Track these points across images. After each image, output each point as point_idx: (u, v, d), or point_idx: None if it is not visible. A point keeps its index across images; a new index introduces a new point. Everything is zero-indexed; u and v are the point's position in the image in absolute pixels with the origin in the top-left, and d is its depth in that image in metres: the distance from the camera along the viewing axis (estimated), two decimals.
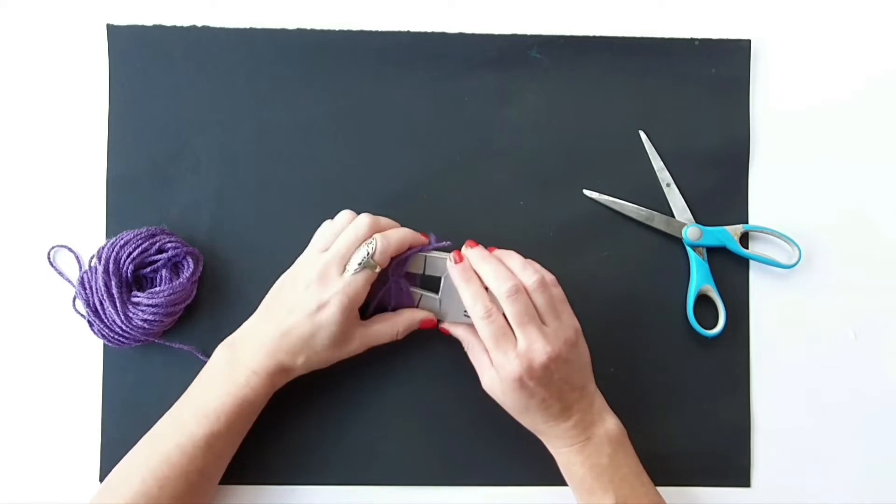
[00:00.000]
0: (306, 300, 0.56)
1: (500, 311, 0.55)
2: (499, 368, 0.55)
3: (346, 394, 0.63)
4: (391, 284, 0.60)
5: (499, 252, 0.59)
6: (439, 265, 0.60)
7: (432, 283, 0.61)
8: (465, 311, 0.58)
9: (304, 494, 0.62)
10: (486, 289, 0.56)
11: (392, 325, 0.60)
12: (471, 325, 0.58)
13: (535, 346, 0.54)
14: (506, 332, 0.55)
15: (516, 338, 0.55)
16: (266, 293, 0.59)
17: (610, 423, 0.57)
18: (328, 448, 0.62)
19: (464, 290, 0.57)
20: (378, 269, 0.57)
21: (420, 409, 0.63)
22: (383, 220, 0.59)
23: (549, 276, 0.57)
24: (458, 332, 0.60)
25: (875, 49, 0.67)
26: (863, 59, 0.67)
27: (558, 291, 0.57)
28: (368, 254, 0.56)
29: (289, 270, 0.59)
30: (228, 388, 0.56)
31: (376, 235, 0.57)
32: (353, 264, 0.56)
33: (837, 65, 0.67)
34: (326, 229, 0.59)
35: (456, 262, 0.58)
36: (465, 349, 0.60)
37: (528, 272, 0.56)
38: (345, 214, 0.59)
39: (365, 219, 0.58)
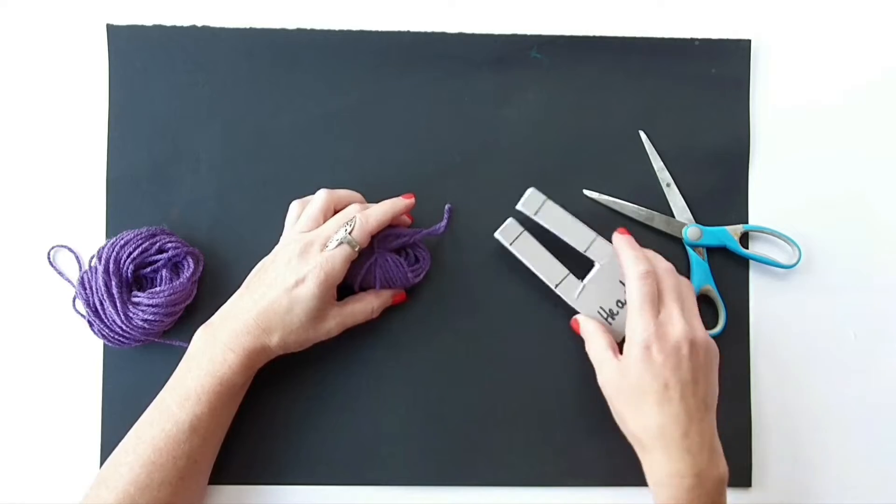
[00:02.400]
0: (285, 276, 0.56)
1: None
2: (633, 334, 0.54)
3: (345, 394, 0.63)
4: (376, 258, 0.60)
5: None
6: (604, 251, 0.61)
7: (578, 267, 0.61)
8: (601, 307, 0.59)
9: (303, 495, 0.62)
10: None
11: (367, 304, 0.60)
12: (602, 322, 0.59)
13: (676, 321, 0.54)
14: (655, 298, 0.55)
15: (659, 311, 0.55)
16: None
17: (723, 467, 0.53)
18: (328, 448, 0.62)
19: (627, 252, 0.58)
20: (357, 248, 0.57)
21: (420, 410, 0.63)
22: (372, 206, 0.60)
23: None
24: (588, 325, 0.59)
25: (875, 49, 0.67)
26: (863, 58, 0.67)
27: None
28: (346, 231, 0.56)
29: (272, 251, 0.59)
30: (207, 368, 0.55)
31: (357, 213, 0.58)
32: (333, 241, 0.56)
33: (837, 65, 0.67)
34: (307, 212, 0.59)
35: (618, 232, 0.60)
36: (587, 345, 0.59)
37: (678, 278, 0.58)
38: (322, 197, 0.59)
39: (356, 206, 0.59)
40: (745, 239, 0.64)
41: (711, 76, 0.65)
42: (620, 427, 0.57)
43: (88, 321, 0.60)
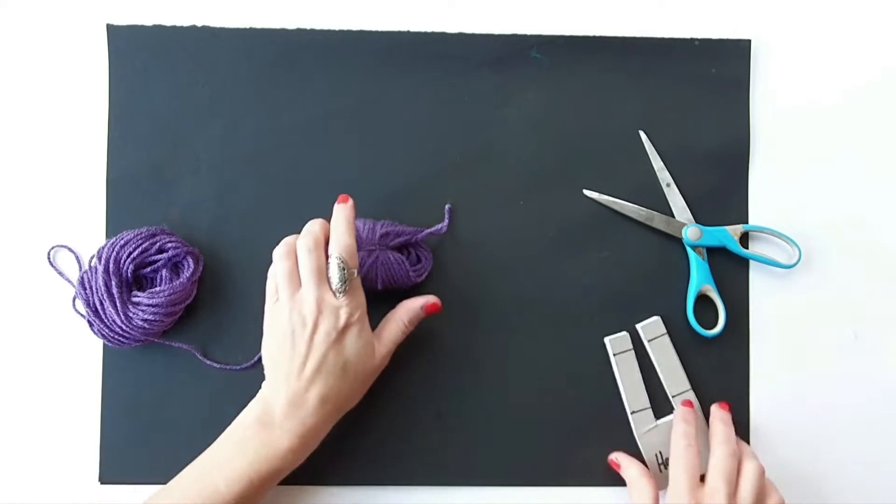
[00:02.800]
0: (322, 334, 0.53)
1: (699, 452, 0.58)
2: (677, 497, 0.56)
3: None
4: (378, 255, 0.59)
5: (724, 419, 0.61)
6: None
7: (657, 405, 0.63)
8: (660, 452, 0.62)
9: (303, 495, 0.62)
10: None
11: (397, 323, 0.59)
12: (644, 469, 0.60)
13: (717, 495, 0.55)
14: (696, 469, 0.57)
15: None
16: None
17: None
18: (327, 449, 0.62)
19: (725, 427, 0.60)
20: (357, 274, 0.56)
21: (420, 410, 0.63)
22: (318, 228, 0.57)
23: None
24: (632, 471, 0.60)
25: (875, 49, 0.67)
26: (863, 58, 0.67)
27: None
28: (343, 269, 0.55)
29: (266, 334, 0.57)
30: (265, 454, 0.53)
31: (331, 246, 0.55)
32: (339, 285, 0.54)
33: (838, 65, 0.67)
34: (278, 273, 0.56)
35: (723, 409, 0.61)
36: (630, 489, 0.60)
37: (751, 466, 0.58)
38: (306, 251, 0.55)
39: (308, 241, 0.55)
40: (745, 239, 0.64)
41: (711, 76, 0.65)
42: None
43: (88, 321, 0.60)
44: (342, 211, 0.57)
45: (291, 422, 0.54)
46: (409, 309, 0.59)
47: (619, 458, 0.61)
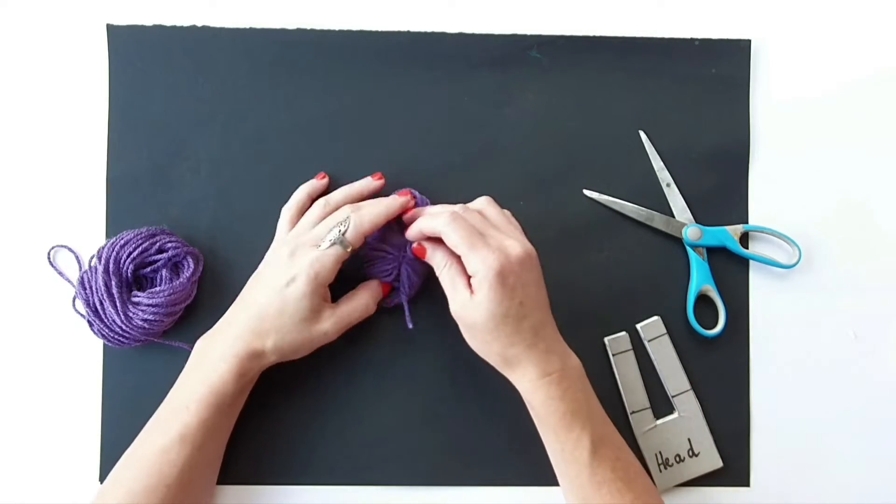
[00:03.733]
0: (276, 277, 0.56)
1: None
2: (478, 268, 0.53)
3: (345, 394, 0.63)
4: (405, 256, 0.60)
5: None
6: (690, 404, 0.63)
7: (656, 405, 0.63)
8: (660, 452, 0.62)
9: (303, 495, 0.62)
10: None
11: (360, 300, 0.60)
12: (448, 251, 0.56)
13: (506, 242, 0.54)
14: (475, 231, 0.54)
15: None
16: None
17: (575, 359, 0.56)
18: (327, 449, 0.62)
19: (421, 225, 0.56)
20: (350, 249, 0.56)
21: (420, 410, 0.63)
22: (366, 206, 0.59)
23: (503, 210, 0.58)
24: (436, 254, 0.57)
25: (875, 49, 0.67)
26: (863, 59, 0.67)
27: (513, 219, 0.58)
28: (340, 231, 0.56)
29: (264, 258, 0.60)
30: (200, 378, 0.56)
31: (351, 214, 0.57)
32: (325, 241, 0.56)
33: (837, 65, 0.67)
34: (304, 219, 0.59)
35: (406, 219, 0.59)
36: (438, 274, 0.57)
37: (477, 200, 0.58)
38: (319, 206, 0.60)
39: (344, 210, 0.58)
40: (745, 239, 0.64)
41: (711, 76, 0.65)
42: (479, 352, 0.56)
43: (88, 321, 0.60)
44: (389, 201, 0.59)
45: (224, 346, 0.56)
46: (374, 289, 0.61)
47: (423, 244, 0.58)
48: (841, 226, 0.65)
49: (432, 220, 0.55)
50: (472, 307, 0.54)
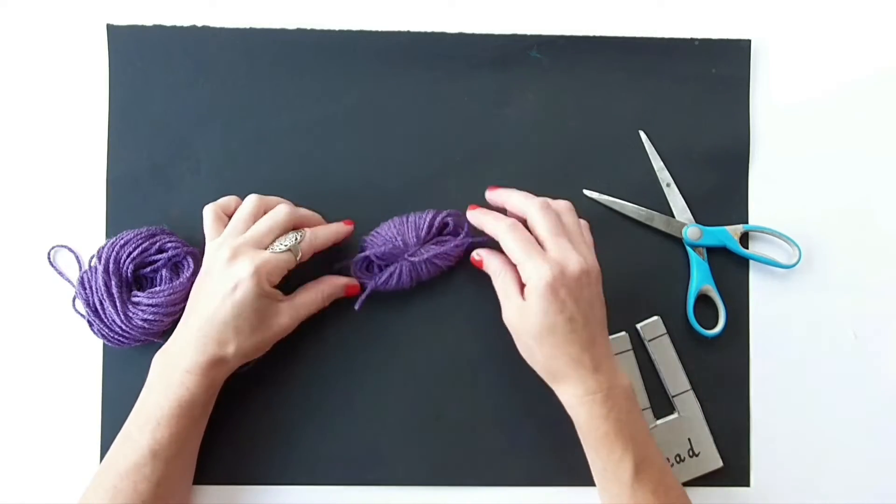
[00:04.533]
0: (222, 282, 0.55)
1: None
2: (531, 276, 0.53)
3: (344, 394, 0.63)
4: (402, 265, 0.60)
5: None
6: (690, 404, 0.63)
7: (657, 404, 0.63)
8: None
9: (302, 495, 0.62)
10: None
11: (316, 293, 0.59)
12: (506, 260, 0.57)
13: (567, 254, 0.54)
14: (534, 241, 0.55)
15: (547, 250, 0.54)
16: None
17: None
18: (327, 448, 0.62)
19: (484, 221, 0.57)
20: (299, 259, 0.57)
21: (420, 410, 0.63)
22: (302, 211, 0.60)
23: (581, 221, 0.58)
24: (494, 262, 0.58)
25: (875, 49, 0.67)
26: (863, 58, 0.67)
27: (588, 234, 0.58)
28: (297, 239, 0.57)
29: (203, 261, 0.58)
30: (165, 393, 0.55)
31: (306, 228, 0.58)
32: (279, 245, 0.56)
33: (837, 65, 0.67)
34: (237, 216, 0.58)
35: (470, 210, 0.59)
36: (494, 281, 0.58)
37: (558, 201, 0.57)
38: (253, 202, 0.59)
39: (284, 210, 0.58)
40: (745, 239, 0.64)
41: (711, 76, 0.65)
42: (528, 360, 0.56)
43: (88, 321, 0.59)
44: (338, 228, 0.61)
45: (184, 358, 0.55)
46: (332, 284, 0.60)
47: (481, 253, 0.59)
48: (841, 226, 0.65)
49: (496, 223, 0.56)
50: (520, 315, 0.54)
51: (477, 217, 0.59)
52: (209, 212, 0.59)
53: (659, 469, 0.54)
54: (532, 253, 0.54)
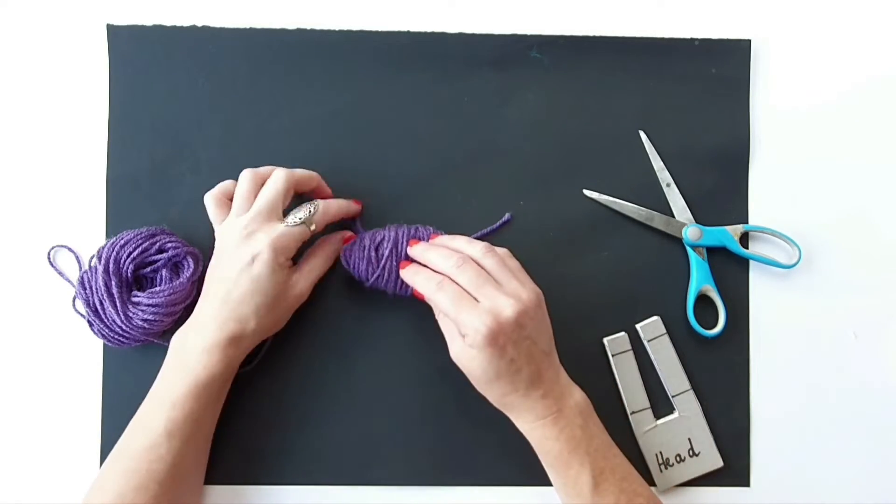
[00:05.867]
0: (238, 258, 0.55)
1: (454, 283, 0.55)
2: (468, 331, 0.53)
3: (345, 394, 0.63)
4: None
5: (442, 238, 0.59)
6: (690, 404, 0.63)
7: (656, 405, 0.63)
8: (660, 452, 0.62)
9: (302, 495, 0.62)
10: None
11: (322, 255, 0.60)
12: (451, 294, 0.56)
13: (498, 301, 0.53)
14: (463, 295, 0.54)
15: (478, 301, 0.54)
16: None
17: (578, 395, 0.56)
18: (327, 448, 0.62)
19: (416, 283, 0.57)
20: (314, 228, 0.57)
21: (420, 410, 0.63)
22: (298, 172, 0.60)
23: (501, 249, 0.58)
24: (440, 298, 0.56)
25: (875, 49, 0.67)
26: (863, 59, 0.67)
27: (514, 262, 0.57)
28: (311, 212, 0.57)
29: (216, 246, 0.59)
30: (181, 373, 0.55)
31: (319, 200, 0.59)
32: (293, 218, 0.57)
33: (838, 65, 0.67)
34: (238, 195, 0.58)
35: (402, 269, 0.58)
36: (438, 318, 0.58)
37: (474, 245, 0.57)
38: (248, 177, 0.59)
39: (282, 175, 0.58)
40: (745, 239, 0.64)
41: (711, 76, 0.65)
42: (480, 391, 0.57)
43: (88, 321, 0.59)
44: (349, 203, 0.61)
45: (202, 337, 0.55)
46: (332, 243, 0.61)
47: (418, 279, 0.57)
48: (841, 226, 0.65)
49: (426, 283, 0.56)
50: (466, 359, 0.55)
51: (409, 277, 0.58)
52: (210, 198, 0.60)
53: (622, 478, 0.55)
54: (463, 308, 0.54)
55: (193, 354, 0.55)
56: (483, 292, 0.54)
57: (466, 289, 0.54)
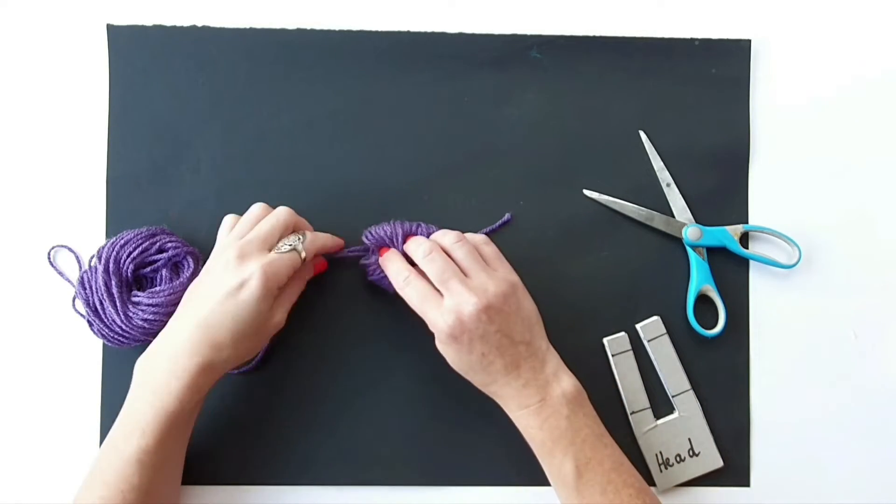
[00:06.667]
0: (225, 280, 0.53)
1: (423, 277, 0.56)
2: (433, 328, 0.55)
3: (344, 394, 0.63)
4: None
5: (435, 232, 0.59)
6: (690, 404, 0.63)
7: (657, 405, 0.63)
8: (660, 452, 0.62)
9: (302, 495, 0.62)
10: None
11: (297, 279, 0.58)
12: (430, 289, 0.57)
13: (460, 298, 0.53)
14: (429, 292, 0.55)
15: (442, 296, 0.54)
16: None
17: (566, 384, 0.56)
18: (327, 448, 0.62)
19: (389, 273, 0.57)
20: (304, 256, 0.56)
21: (420, 410, 0.63)
22: (302, 219, 0.60)
23: (479, 236, 0.58)
24: (413, 291, 0.57)
25: (875, 49, 0.67)
26: (863, 59, 0.67)
27: (490, 249, 0.58)
28: (300, 239, 0.57)
29: (205, 265, 0.57)
30: (151, 401, 0.53)
31: (306, 231, 0.59)
32: (283, 245, 0.56)
33: (838, 65, 0.67)
34: (243, 220, 0.58)
35: (380, 255, 0.59)
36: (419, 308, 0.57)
37: (447, 235, 0.57)
38: (259, 206, 0.59)
39: (285, 210, 0.58)
40: (745, 239, 0.64)
41: (711, 76, 0.65)
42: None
43: (88, 321, 0.59)
44: (337, 239, 0.61)
45: (172, 362, 0.53)
46: (305, 268, 0.59)
47: (397, 273, 0.57)
48: (841, 226, 0.65)
49: (395, 276, 0.57)
50: (442, 352, 0.56)
51: (383, 263, 0.59)
52: (228, 218, 0.59)
53: (610, 468, 0.54)
54: (428, 305, 0.55)
55: (162, 381, 0.53)
56: (448, 286, 0.54)
57: (433, 281, 0.55)
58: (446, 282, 0.54)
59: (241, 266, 0.54)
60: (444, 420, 0.63)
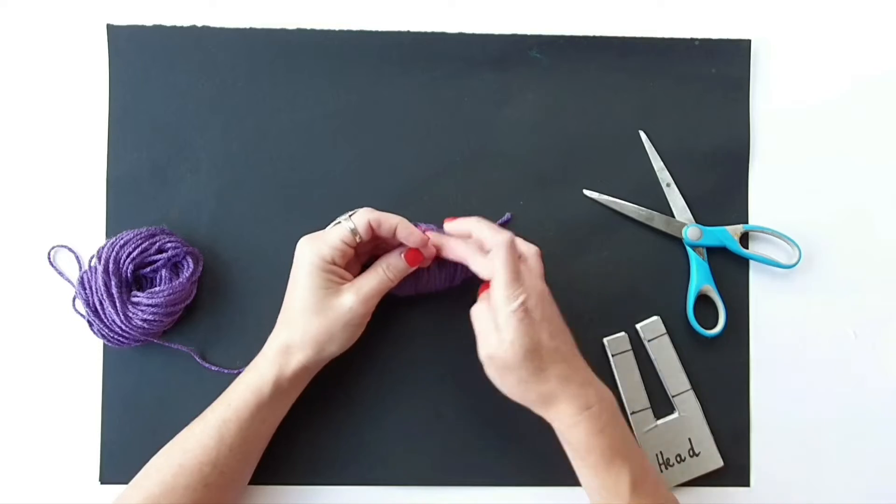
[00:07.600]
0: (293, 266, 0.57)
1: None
2: (503, 305, 0.52)
3: (345, 394, 0.63)
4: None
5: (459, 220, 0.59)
6: (690, 403, 0.63)
7: (657, 404, 0.63)
8: (661, 452, 0.62)
9: (304, 495, 0.62)
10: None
11: (376, 270, 0.57)
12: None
13: (533, 282, 0.54)
14: (521, 269, 0.54)
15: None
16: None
17: (609, 391, 0.55)
18: (328, 449, 0.62)
19: (479, 230, 0.56)
20: (355, 232, 0.55)
21: (421, 410, 0.63)
22: (387, 216, 0.57)
23: (533, 247, 0.59)
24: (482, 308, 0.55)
25: (875, 49, 0.67)
26: (863, 59, 0.67)
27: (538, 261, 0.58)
28: (349, 215, 0.56)
29: None
30: (245, 375, 0.56)
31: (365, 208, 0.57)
32: (333, 223, 0.57)
33: (838, 65, 0.67)
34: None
35: (447, 223, 0.58)
36: (474, 314, 0.55)
37: (519, 243, 0.57)
38: (368, 209, 0.57)
39: (367, 209, 0.57)
40: (745, 239, 0.64)
41: (711, 76, 0.65)
42: (514, 395, 0.54)
43: (88, 321, 0.59)
44: (410, 227, 0.57)
45: (267, 344, 0.57)
46: (388, 259, 0.58)
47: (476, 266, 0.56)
48: (841, 226, 0.65)
49: (495, 235, 0.54)
50: (500, 344, 0.52)
51: (462, 225, 0.57)
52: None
53: (654, 481, 0.54)
54: (513, 279, 0.52)
55: (257, 359, 0.57)
56: (522, 271, 0.54)
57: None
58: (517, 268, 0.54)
59: (298, 248, 0.56)
60: (444, 420, 0.63)
